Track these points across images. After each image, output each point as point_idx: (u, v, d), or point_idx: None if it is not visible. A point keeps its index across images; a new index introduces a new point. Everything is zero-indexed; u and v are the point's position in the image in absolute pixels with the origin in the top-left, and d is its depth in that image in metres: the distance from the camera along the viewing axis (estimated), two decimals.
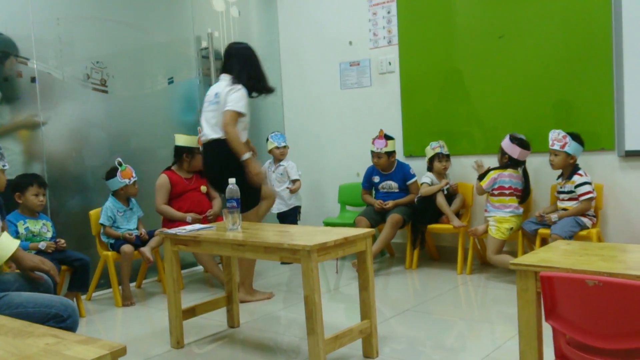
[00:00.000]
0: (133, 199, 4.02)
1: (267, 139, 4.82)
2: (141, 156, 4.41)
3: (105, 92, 4.26)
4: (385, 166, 4.45)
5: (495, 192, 3.93)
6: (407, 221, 4.31)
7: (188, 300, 3.59)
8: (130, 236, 3.84)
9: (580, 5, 3.87)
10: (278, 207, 4.68)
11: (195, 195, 4.19)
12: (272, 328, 3.19)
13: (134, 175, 3.92)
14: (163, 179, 4.14)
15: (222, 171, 3.42)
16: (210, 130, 3.55)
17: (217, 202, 4.26)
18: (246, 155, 3.44)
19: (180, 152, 4.16)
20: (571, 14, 3.91)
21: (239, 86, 3.50)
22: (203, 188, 4.24)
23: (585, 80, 3.88)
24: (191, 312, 3.07)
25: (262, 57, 4.74)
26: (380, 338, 2.77)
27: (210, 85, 4.85)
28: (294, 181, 4.74)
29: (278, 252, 2.51)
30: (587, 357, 1.66)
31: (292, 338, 3.02)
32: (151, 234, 3.95)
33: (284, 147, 4.77)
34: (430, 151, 4.36)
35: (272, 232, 2.78)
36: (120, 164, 3.88)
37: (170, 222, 4.03)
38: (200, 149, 3.96)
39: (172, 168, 4.21)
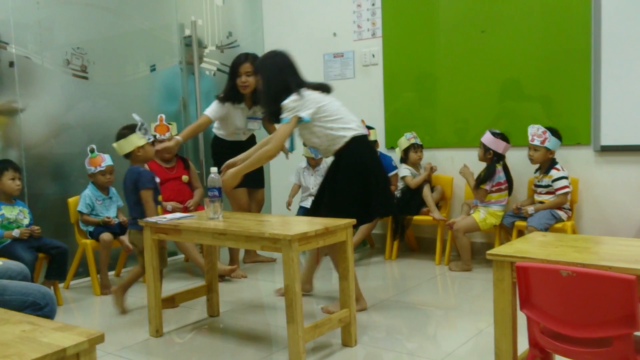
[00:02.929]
0: (113, 188, 3.98)
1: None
2: None
3: (86, 78, 4.21)
4: None
5: (494, 189, 3.97)
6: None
7: (168, 289, 3.58)
8: (108, 220, 3.80)
9: (561, 2, 3.92)
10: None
11: (176, 185, 4.17)
12: (252, 317, 3.20)
13: (102, 165, 3.82)
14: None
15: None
16: None
17: (198, 192, 4.25)
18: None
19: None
20: (551, 10, 3.97)
21: None
22: (185, 177, 4.23)
23: (564, 76, 3.95)
24: (171, 300, 3.07)
25: (245, 47, 4.77)
26: (359, 327, 2.80)
27: (193, 73, 4.84)
28: None
29: (259, 241, 2.52)
30: (559, 346, 1.71)
31: (271, 327, 3.04)
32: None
33: (320, 158, 4.64)
34: (405, 142, 4.40)
35: (254, 222, 2.78)
36: (92, 151, 3.83)
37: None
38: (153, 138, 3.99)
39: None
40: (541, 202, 3.79)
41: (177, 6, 4.80)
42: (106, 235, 3.74)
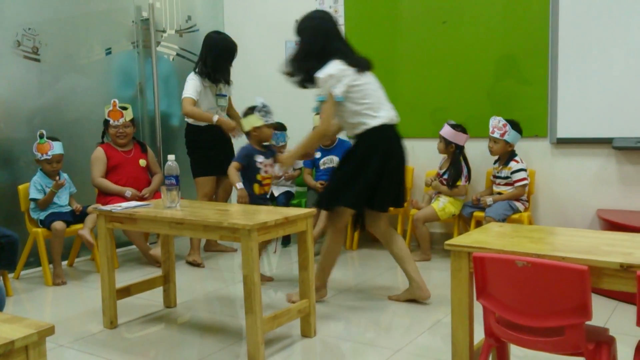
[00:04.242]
0: (65, 174, 3.84)
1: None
2: (75, 129, 4.23)
3: (37, 60, 4.04)
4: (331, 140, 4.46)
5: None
6: None
7: (123, 279, 3.49)
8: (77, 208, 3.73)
9: None
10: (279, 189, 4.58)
11: (133, 169, 4.05)
12: (209, 308, 3.15)
13: (49, 153, 3.67)
14: (98, 151, 4.00)
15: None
16: None
17: (157, 178, 4.15)
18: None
19: (105, 125, 4.05)
20: (511, 4, 4.01)
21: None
22: (142, 162, 4.11)
23: (522, 69, 4.01)
24: (126, 291, 2.99)
25: (205, 32, 4.64)
26: (318, 317, 2.79)
27: (150, 58, 4.70)
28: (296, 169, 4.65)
29: (217, 231, 2.47)
30: (514, 335, 1.73)
31: (229, 318, 3.00)
32: (85, 210, 3.80)
33: (283, 145, 4.62)
34: None
35: (212, 211, 2.73)
36: (41, 136, 3.68)
37: (106, 196, 3.90)
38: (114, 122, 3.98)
39: (108, 141, 4.07)
40: (499, 194, 3.86)
41: None
42: (58, 224, 3.61)
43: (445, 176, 4.01)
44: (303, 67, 3.00)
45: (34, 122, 3.96)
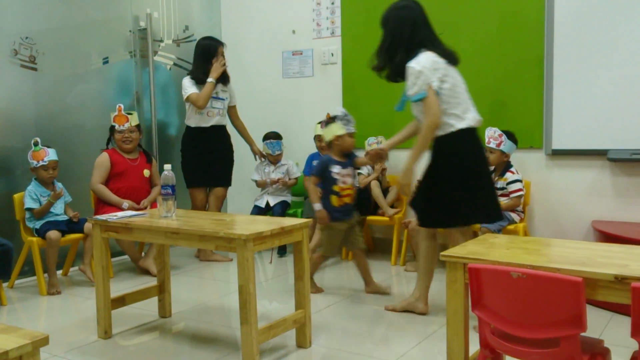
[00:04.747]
0: (59, 183, 3.83)
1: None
2: (71, 138, 4.23)
3: (35, 69, 4.04)
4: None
5: None
6: None
7: (118, 289, 3.48)
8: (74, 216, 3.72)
9: (516, 9, 4.01)
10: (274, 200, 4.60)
11: (136, 178, 4.04)
12: (205, 318, 3.14)
13: (45, 159, 3.67)
14: (103, 157, 3.99)
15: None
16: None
17: (157, 189, 4.14)
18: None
19: (111, 131, 4.07)
20: (507, 16, 4.05)
21: None
22: (146, 172, 4.10)
23: (518, 81, 4.03)
24: (121, 301, 2.97)
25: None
26: (314, 328, 2.79)
27: (148, 67, 4.71)
28: (292, 178, 4.69)
29: (213, 240, 2.47)
30: (509, 346, 1.73)
31: (225, 328, 2.99)
32: (83, 221, 3.77)
33: (278, 154, 4.65)
34: (367, 147, 4.42)
35: (208, 221, 2.73)
36: (35, 144, 3.67)
37: (103, 206, 3.90)
38: (120, 127, 4.00)
39: (115, 147, 4.08)
40: None
41: None
42: (53, 234, 3.60)
43: None
44: (391, 59, 2.81)
45: (30, 131, 3.96)
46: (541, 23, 3.90)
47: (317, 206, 3.27)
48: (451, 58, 2.82)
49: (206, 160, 4.31)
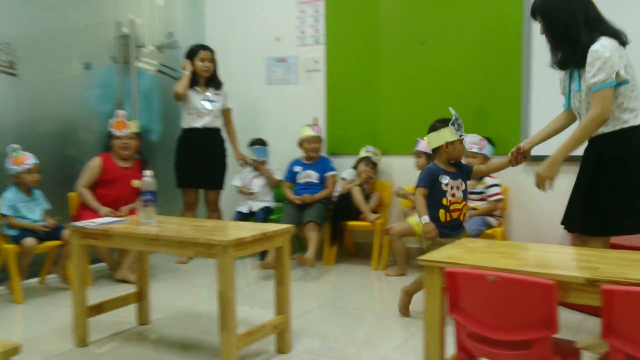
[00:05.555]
0: (37, 190, 3.78)
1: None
2: (52, 145, 4.18)
3: (14, 75, 4.00)
4: (315, 154, 4.50)
5: None
6: (324, 220, 4.36)
7: (96, 296, 3.43)
8: (44, 227, 3.63)
9: (496, 18, 4.07)
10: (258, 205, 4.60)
11: (124, 188, 3.98)
12: (184, 324, 3.12)
13: (26, 162, 3.63)
14: (95, 161, 3.99)
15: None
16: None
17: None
18: None
19: (109, 137, 4.08)
20: (487, 26, 4.12)
21: None
22: (135, 182, 4.03)
23: (497, 88, 4.10)
24: (98, 308, 2.94)
25: (186, 48, 4.68)
26: (294, 333, 2.78)
27: (129, 73, 4.69)
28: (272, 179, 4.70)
29: (193, 247, 2.46)
30: (484, 349, 1.75)
31: (204, 335, 2.97)
32: (60, 228, 3.72)
33: (263, 161, 4.66)
34: (362, 152, 4.46)
35: (188, 227, 2.72)
36: (14, 150, 3.64)
37: (84, 210, 3.89)
38: (118, 133, 3.97)
39: (110, 153, 4.07)
40: (474, 209, 3.90)
41: (115, 3, 4.64)
42: (29, 241, 3.53)
43: None
44: (577, 43, 2.40)
45: (10, 138, 3.89)
46: (520, 34, 3.98)
47: (425, 219, 2.90)
48: (622, 39, 2.40)
49: (197, 161, 4.41)
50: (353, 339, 2.88)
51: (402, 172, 4.43)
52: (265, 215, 4.51)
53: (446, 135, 2.89)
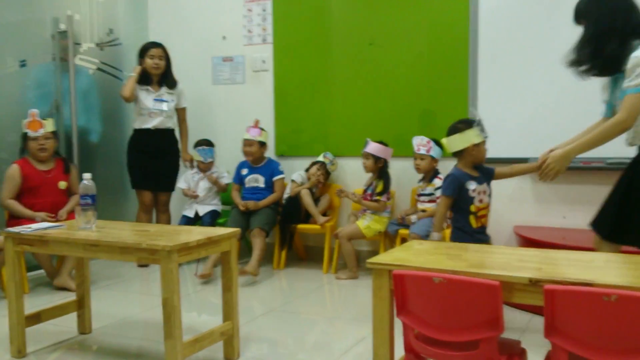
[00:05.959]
0: None
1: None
2: None
3: None
4: (256, 157, 4.41)
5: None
6: (272, 226, 4.31)
7: (34, 304, 3.27)
8: None
9: (443, 20, 4.14)
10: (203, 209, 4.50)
11: (51, 192, 3.77)
12: (127, 333, 3.01)
13: None
14: (13, 169, 3.68)
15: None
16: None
17: (75, 199, 3.92)
18: None
19: (24, 139, 3.76)
20: (434, 28, 4.18)
21: None
22: (62, 184, 3.84)
23: (444, 90, 4.16)
24: (36, 317, 2.80)
25: (128, 46, 4.54)
26: (243, 339, 2.73)
27: (67, 71, 4.48)
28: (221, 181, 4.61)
29: (135, 252, 2.37)
30: (432, 350, 1.76)
31: (149, 343, 2.87)
32: None
33: (210, 162, 4.55)
34: (321, 156, 4.44)
35: (130, 232, 2.62)
36: None
37: (18, 219, 3.65)
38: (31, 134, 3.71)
39: (27, 157, 3.77)
40: (423, 211, 3.95)
41: None
42: None
43: (369, 191, 4.07)
44: (600, 51, 2.40)
45: None
46: (467, 36, 4.05)
47: (436, 236, 2.82)
48: None
49: (148, 162, 4.37)
50: (303, 344, 2.85)
51: (352, 173, 4.44)
52: (212, 219, 4.42)
53: (471, 136, 2.80)
